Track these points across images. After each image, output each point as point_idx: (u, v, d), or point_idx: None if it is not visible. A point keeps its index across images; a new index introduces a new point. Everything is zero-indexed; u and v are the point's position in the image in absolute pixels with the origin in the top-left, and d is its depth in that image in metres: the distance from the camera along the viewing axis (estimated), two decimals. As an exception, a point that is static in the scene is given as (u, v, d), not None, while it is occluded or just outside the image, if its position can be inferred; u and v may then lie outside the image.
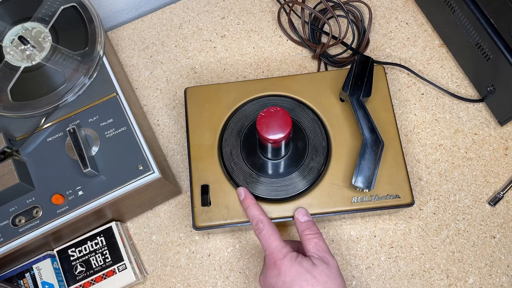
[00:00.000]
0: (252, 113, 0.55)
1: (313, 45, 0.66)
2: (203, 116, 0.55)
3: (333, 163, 0.53)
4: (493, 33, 0.55)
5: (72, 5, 0.55)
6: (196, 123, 0.55)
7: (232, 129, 0.55)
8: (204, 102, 0.56)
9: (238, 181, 0.53)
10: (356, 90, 0.53)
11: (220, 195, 0.52)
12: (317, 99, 0.56)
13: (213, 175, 0.53)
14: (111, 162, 0.50)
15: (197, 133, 0.55)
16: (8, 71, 0.53)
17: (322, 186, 0.52)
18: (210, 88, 0.57)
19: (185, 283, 0.58)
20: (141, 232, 0.60)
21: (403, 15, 0.69)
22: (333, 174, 0.53)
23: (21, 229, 0.48)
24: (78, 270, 0.54)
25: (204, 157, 0.54)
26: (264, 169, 0.53)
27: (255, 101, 0.56)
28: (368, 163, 0.50)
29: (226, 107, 0.56)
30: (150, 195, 0.55)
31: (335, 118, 0.55)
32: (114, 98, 0.53)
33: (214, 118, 0.55)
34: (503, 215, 0.59)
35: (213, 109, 0.56)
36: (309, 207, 0.51)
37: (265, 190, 0.52)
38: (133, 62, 0.68)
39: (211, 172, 0.53)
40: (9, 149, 0.49)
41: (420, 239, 0.58)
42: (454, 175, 0.60)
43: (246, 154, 0.54)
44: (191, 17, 0.71)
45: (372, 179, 0.50)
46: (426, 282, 0.56)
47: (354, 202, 0.52)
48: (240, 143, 0.54)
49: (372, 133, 0.52)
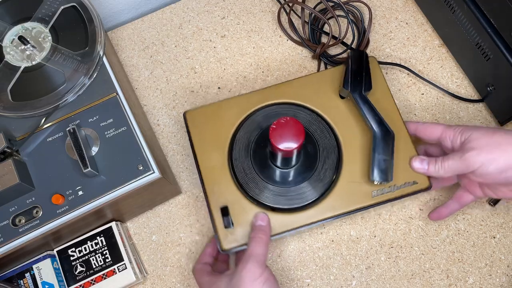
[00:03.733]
0: (256, 125, 0.55)
1: (313, 45, 0.66)
2: (208, 137, 0.54)
3: (346, 161, 0.53)
4: (493, 33, 0.55)
5: (72, 5, 0.55)
6: (202, 145, 0.54)
7: (240, 145, 0.54)
8: (206, 123, 0.55)
9: (256, 196, 0.52)
10: (357, 85, 0.53)
11: (241, 213, 0.51)
12: (318, 100, 0.56)
13: (229, 195, 0.52)
14: (111, 162, 0.50)
15: (205, 155, 0.53)
16: (8, 71, 0.53)
17: (340, 186, 0.52)
18: (209, 108, 0.55)
19: (185, 283, 0.58)
20: (141, 232, 0.60)
21: (403, 15, 0.69)
22: (348, 172, 0.52)
23: (21, 229, 0.48)
24: (78, 270, 0.54)
25: (217, 178, 0.53)
26: (279, 180, 0.53)
27: (256, 113, 0.55)
28: (383, 156, 0.50)
29: (229, 124, 0.55)
30: (150, 195, 0.55)
31: (339, 116, 0.55)
32: (114, 98, 0.53)
33: (219, 137, 0.54)
34: (503, 215, 0.59)
35: (216, 128, 0.54)
36: (332, 209, 0.51)
37: (284, 200, 0.52)
38: (133, 62, 0.68)
39: (227, 192, 0.52)
40: (9, 149, 0.49)
41: (420, 239, 0.58)
42: (454, 175, 0.60)
43: (258, 168, 0.53)
44: (191, 17, 0.71)
45: (389, 170, 0.50)
46: (426, 282, 0.56)
47: (374, 196, 0.51)
48: (251, 158, 0.53)
49: (381, 125, 0.52)
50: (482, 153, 0.47)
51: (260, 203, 0.52)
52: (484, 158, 0.47)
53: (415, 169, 0.52)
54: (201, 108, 0.55)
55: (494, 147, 0.47)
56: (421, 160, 0.52)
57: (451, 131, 0.51)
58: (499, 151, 0.47)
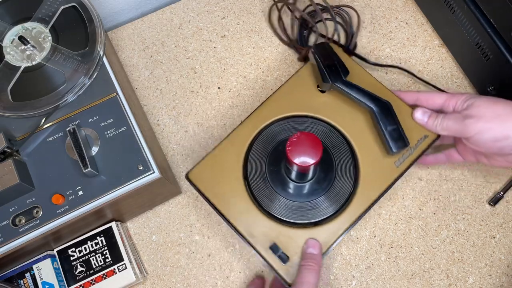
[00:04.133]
0: (262, 152, 0.54)
1: (300, 47, 0.65)
2: (221, 187, 0.52)
3: (358, 148, 0.53)
4: (493, 33, 0.55)
5: (72, 5, 0.55)
6: (221, 199, 0.52)
7: (255, 178, 0.53)
8: (212, 175, 0.53)
9: (294, 220, 0.51)
10: (336, 74, 0.53)
11: (289, 243, 0.50)
12: (304, 104, 0.55)
13: (269, 231, 0.50)
14: (111, 162, 0.50)
15: (229, 206, 0.52)
16: (8, 71, 0.53)
17: (364, 172, 0.52)
18: (208, 160, 0.53)
19: (185, 283, 0.58)
20: (141, 232, 0.60)
21: (403, 15, 0.69)
22: (366, 157, 0.52)
23: (21, 229, 0.48)
24: (78, 270, 0.54)
25: (250, 221, 0.51)
26: (307, 195, 0.52)
27: (255, 141, 0.54)
28: (391, 126, 0.51)
29: (235, 163, 0.53)
30: (150, 195, 0.55)
31: (330, 109, 0.55)
32: (114, 98, 0.53)
33: (231, 180, 0.52)
34: (503, 215, 0.59)
35: (225, 174, 0.53)
36: (368, 197, 0.51)
37: (324, 209, 0.51)
38: (133, 62, 0.68)
39: (266, 229, 0.51)
40: (9, 149, 0.49)
41: (420, 239, 0.58)
42: (454, 175, 0.60)
43: (282, 191, 0.52)
44: (191, 17, 0.71)
45: (403, 136, 0.51)
46: (426, 282, 0.56)
47: (398, 165, 0.52)
48: (271, 186, 0.52)
49: (375, 100, 0.52)
50: (480, 121, 0.48)
51: (303, 224, 0.51)
52: (481, 127, 0.47)
53: (415, 118, 0.53)
54: (201, 164, 0.53)
55: (493, 117, 0.47)
56: (423, 111, 0.53)
57: (454, 100, 0.52)
58: (497, 121, 0.47)
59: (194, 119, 0.65)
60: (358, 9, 0.69)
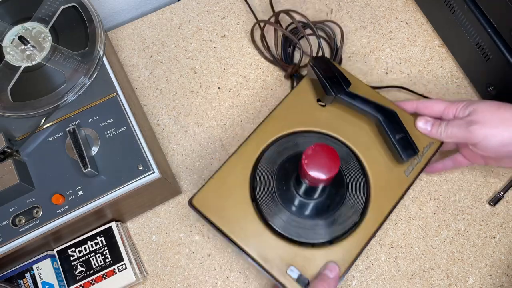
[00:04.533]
0: (268, 171, 0.51)
1: (285, 65, 0.64)
2: (229, 212, 0.50)
3: (366, 160, 0.52)
4: (493, 33, 0.55)
5: (72, 5, 0.55)
6: (229, 223, 0.49)
7: (264, 198, 0.50)
8: (217, 198, 0.50)
9: (308, 240, 0.49)
10: (339, 86, 0.52)
11: (306, 265, 0.47)
12: (305, 118, 0.54)
13: (284, 254, 0.48)
14: (111, 162, 0.50)
15: (238, 230, 0.49)
16: (8, 71, 0.53)
17: (375, 184, 0.51)
18: (212, 184, 0.51)
19: (185, 283, 0.58)
20: (141, 232, 0.60)
21: (403, 15, 0.69)
22: (374, 166, 0.52)
23: (21, 229, 0.48)
24: (78, 270, 0.54)
25: (262, 243, 0.48)
26: (319, 212, 0.50)
27: (260, 161, 0.52)
28: (400, 134, 0.50)
29: (241, 185, 0.51)
30: (150, 195, 0.55)
31: (332, 122, 0.54)
32: (114, 98, 0.53)
33: (238, 203, 0.50)
34: (503, 215, 0.59)
35: (231, 196, 0.50)
36: (381, 210, 0.50)
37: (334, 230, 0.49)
38: (133, 62, 0.68)
39: (279, 251, 0.48)
40: (9, 149, 0.49)
41: (420, 239, 0.58)
42: (454, 175, 0.60)
43: (295, 211, 0.50)
44: (191, 17, 0.71)
45: (412, 143, 0.50)
46: (426, 282, 0.56)
47: (408, 174, 0.51)
48: (281, 204, 0.50)
49: (380, 109, 0.52)
50: (485, 127, 0.47)
51: (317, 244, 0.49)
52: (487, 132, 0.47)
53: (418, 128, 0.53)
54: (204, 188, 0.51)
55: (499, 122, 0.47)
56: (425, 120, 0.52)
57: (454, 107, 0.51)
58: (503, 126, 0.47)
59: (194, 119, 0.65)
60: (357, 9, 0.69)
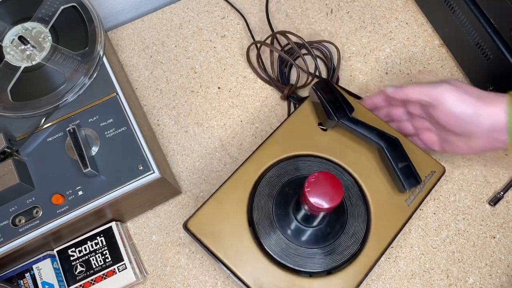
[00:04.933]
0: (267, 195, 0.50)
1: (281, 86, 0.64)
2: (224, 235, 0.48)
3: (366, 185, 0.51)
4: (493, 33, 0.55)
5: (72, 5, 0.55)
6: (225, 248, 0.48)
7: (261, 224, 0.49)
8: (213, 222, 0.49)
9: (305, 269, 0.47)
10: (341, 111, 0.51)
11: None
12: (306, 142, 0.53)
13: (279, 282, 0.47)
14: (111, 162, 0.50)
15: (234, 256, 0.48)
16: (8, 71, 0.53)
17: (377, 211, 0.50)
18: (208, 208, 0.50)
19: (185, 283, 0.58)
20: (141, 232, 0.60)
21: (403, 15, 0.69)
22: (375, 194, 0.51)
23: (21, 229, 0.48)
24: (78, 270, 0.54)
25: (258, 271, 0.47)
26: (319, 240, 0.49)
27: (259, 185, 0.51)
28: (403, 162, 0.49)
29: (238, 209, 0.50)
30: (150, 195, 0.55)
31: (334, 147, 0.53)
32: (114, 98, 0.53)
33: (234, 228, 0.49)
34: (503, 215, 0.59)
35: (227, 220, 0.49)
36: (381, 240, 0.49)
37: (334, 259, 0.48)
38: (133, 62, 0.68)
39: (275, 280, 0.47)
40: (9, 149, 0.49)
41: (420, 239, 0.58)
42: (454, 175, 0.60)
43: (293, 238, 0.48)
44: (191, 17, 0.71)
45: (415, 173, 0.49)
46: (426, 282, 0.56)
47: (409, 204, 0.50)
48: (280, 230, 0.49)
49: (383, 137, 0.51)
50: (457, 90, 0.48)
51: (315, 273, 0.48)
52: (456, 96, 0.48)
53: (386, 91, 0.54)
54: (200, 212, 0.49)
55: (472, 94, 0.48)
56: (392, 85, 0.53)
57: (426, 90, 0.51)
58: (473, 98, 0.48)
59: (194, 119, 0.65)
60: (357, 9, 0.69)
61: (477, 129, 0.48)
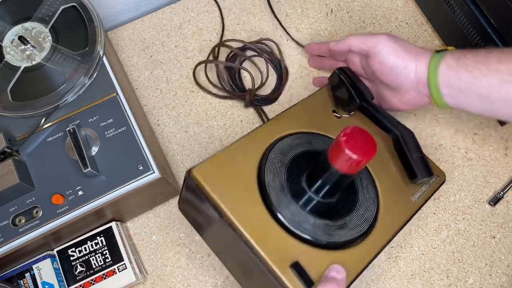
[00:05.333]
0: (280, 162, 0.47)
1: (241, 94, 0.63)
2: (232, 190, 0.44)
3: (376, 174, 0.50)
4: (493, 33, 0.55)
5: (72, 5, 0.55)
6: (230, 201, 0.43)
7: (273, 187, 0.45)
8: (220, 174, 0.45)
9: (315, 238, 0.44)
10: (362, 96, 0.52)
11: (311, 267, 0.41)
12: (320, 124, 0.52)
13: (286, 247, 0.42)
14: (111, 162, 0.50)
15: (240, 212, 0.43)
16: (8, 71, 0.53)
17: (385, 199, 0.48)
18: (217, 159, 0.46)
19: (185, 283, 0.58)
20: (141, 232, 0.60)
21: (403, 15, 0.69)
22: (384, 182, 0.50)
23: (21, 229, 0.48)
24: (78, 270, 0.54)
25: (264, 231, 0.43)
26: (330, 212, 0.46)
27: (272, 150, 0.48)
28: (417, 153, 0.49)
29: (248, 168, 0.46)
30: (150, 195, 0.55)
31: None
32: (114, 98, 0.53)
33: (243, 186, 0.45)
34: (503, 215, 0.59)
35: (236, 176, 0.45)
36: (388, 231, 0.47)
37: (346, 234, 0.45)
38: (133, 62, 0.68)
39: (282, 244, 0.42)
40: (9, 149, 0.49)
41: (420, 239, 0.58)
42: (454, 175, 0.60)
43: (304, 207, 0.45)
44: (191, 17, 0.71)
45: (428, 165, 0.49)
46: (426, 282, 0.56)
47: (416, 199, 0.50)
48: (292, 196, 0.45)
49: (401, 126, 0.51)
50: (392, 42, 0.50)
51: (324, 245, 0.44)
52: (391, 47, 0.49)
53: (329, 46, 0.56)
54: (209, 161, 0.45)
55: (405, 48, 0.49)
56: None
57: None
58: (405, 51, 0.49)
59: (194, 119, 0.65)
60: (357, 9, 0.69)
61: (406, 82, 0.50)
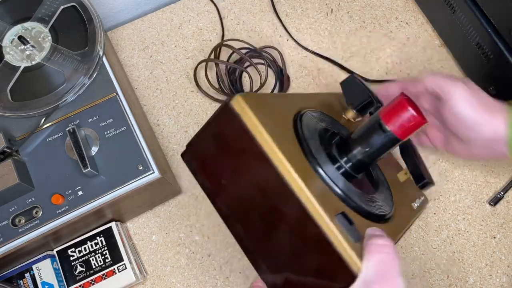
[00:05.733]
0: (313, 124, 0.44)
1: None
2: (273, 125, 0.38)
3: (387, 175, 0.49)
4: (493, 33, 0.55)
5: (72, 5, 0.55)
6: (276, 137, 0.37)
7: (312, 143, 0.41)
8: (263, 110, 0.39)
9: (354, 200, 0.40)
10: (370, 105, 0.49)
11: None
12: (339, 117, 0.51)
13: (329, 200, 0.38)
14: (111, 162, 0.50)
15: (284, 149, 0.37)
16: (8, 71, 0.53)
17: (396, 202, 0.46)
18: (259, 96, 0.43)
19: (185, 283, 0.58)
20: (141, 232, 0.60)
21: (403, 15, 0.69)
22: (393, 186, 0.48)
23: (21, 229, 0.48)
24: (78, 270, 0.54)
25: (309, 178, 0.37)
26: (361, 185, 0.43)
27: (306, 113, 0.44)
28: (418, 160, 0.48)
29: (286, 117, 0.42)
30: (150, 195, 0.55)
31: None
32: (114, 98, 0.53)
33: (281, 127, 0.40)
34: (503, 215, 0.59)
35: (275, 118, 0.40)
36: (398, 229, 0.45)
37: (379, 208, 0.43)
38: (133, 62, 0.68)
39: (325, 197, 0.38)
40: (9, 149, 0.49)
41: (420, 239, 0.58)
42: (454, 175, 0.60)
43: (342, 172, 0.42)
44: (191, 17, 0.71)
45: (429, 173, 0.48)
46: (426, 283, 0.56)
47: (416, 207, 0.49)
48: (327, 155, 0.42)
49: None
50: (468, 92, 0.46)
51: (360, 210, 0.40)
52: (465, 98, 0.46)
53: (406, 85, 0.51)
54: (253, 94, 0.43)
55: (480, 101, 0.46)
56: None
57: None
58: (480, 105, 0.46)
59: (194, 119, 0.65)
60: (357, 9, 0.69)
61: (478, 138, 0.47)
